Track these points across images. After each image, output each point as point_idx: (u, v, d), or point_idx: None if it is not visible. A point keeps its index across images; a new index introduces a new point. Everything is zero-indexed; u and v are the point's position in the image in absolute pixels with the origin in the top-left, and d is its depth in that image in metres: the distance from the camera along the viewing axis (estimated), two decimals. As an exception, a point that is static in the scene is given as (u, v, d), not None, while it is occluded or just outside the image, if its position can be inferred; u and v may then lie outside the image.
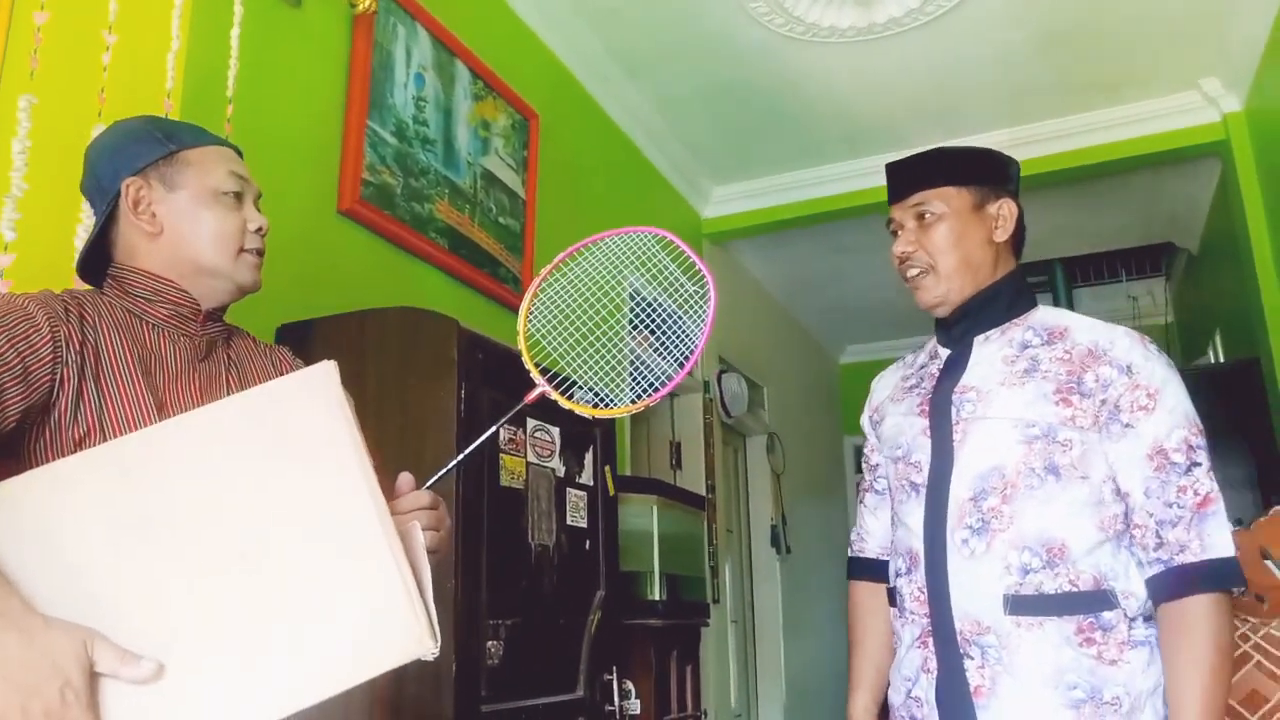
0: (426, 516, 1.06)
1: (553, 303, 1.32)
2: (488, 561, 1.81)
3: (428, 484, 1.12)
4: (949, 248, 1.44)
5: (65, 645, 0.83)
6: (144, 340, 1.16)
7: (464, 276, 2.66)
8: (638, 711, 2.33)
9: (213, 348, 1.23)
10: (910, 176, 1.50)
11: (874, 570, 1.62)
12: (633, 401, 1.25)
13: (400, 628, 0.88)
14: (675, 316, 1.35)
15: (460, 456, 1.17)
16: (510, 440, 1.94)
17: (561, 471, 2.10)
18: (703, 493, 4.07)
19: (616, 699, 2.17)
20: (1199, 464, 1.30)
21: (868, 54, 3.52)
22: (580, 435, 2.20)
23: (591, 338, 1.36)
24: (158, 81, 1.76)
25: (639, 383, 1.31)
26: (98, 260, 1.23)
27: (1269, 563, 1.79)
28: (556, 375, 1.25)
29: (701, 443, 4.33)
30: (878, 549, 1.62)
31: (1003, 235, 1.47)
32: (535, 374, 1.20)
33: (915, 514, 1.42)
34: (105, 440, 1.05)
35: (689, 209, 4.53)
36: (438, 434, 1.79)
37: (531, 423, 2.01)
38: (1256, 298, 3.77)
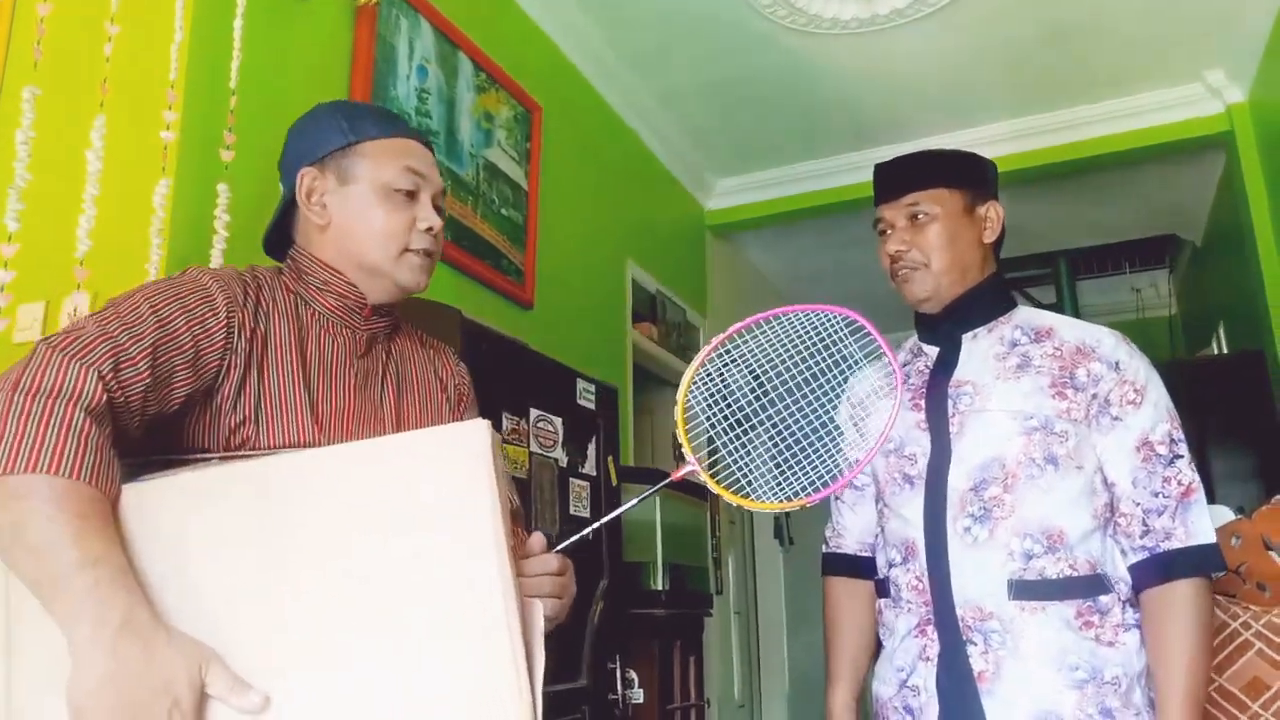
0: (551, 584, 1.04)
1: (718, 375, 1.25)
2: (491, 551, 1.81)
3: (559, 548, 1.09)
4: (942, 247, 1.47)
5: (182, 665, 0.83)
6: (308, 331, 1.15)
7: (466, 268, 2.67)
8: (641, 700, 2.33)
9: (373, 344, 1.21)
10: (903, 177, 1.53)
11: (850, 566, 1.62)
12: (789, 498, 1.19)
13: (502, 709, 0.86)
14: (859, 405, 1.33)
15: (596, 524, 1.15)
16: (513, 430, 1.94)
17: (564, 461, 2.11)
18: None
19: (620, 688, 2.18)
20: (1181, 455, 1.37)
21: (871, 46, 3.52)
22: (583, 426, 2.20)
23: (752, 421, 1.29)
24: (161, 73, 1.77)
25: (803, 474, 1.24)
26: (282, 238, 1.23)
27: (1272, 551, 1.79)
28: (713, 453, 1.20)
29: (705, 435, 4.32)
30: (855, 545, 1.63)
31: (991, 236, 1.52)
32: (688, 450, 1.15)
33: (912, 505, 1.44)
34: (257, 430, 1.05)
35: (692, 201, 4.53)
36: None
37: (534, 412, 2.02)
38: (1260, 290, 3.77)
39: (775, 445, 1.29)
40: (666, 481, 1.15)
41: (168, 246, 1.69)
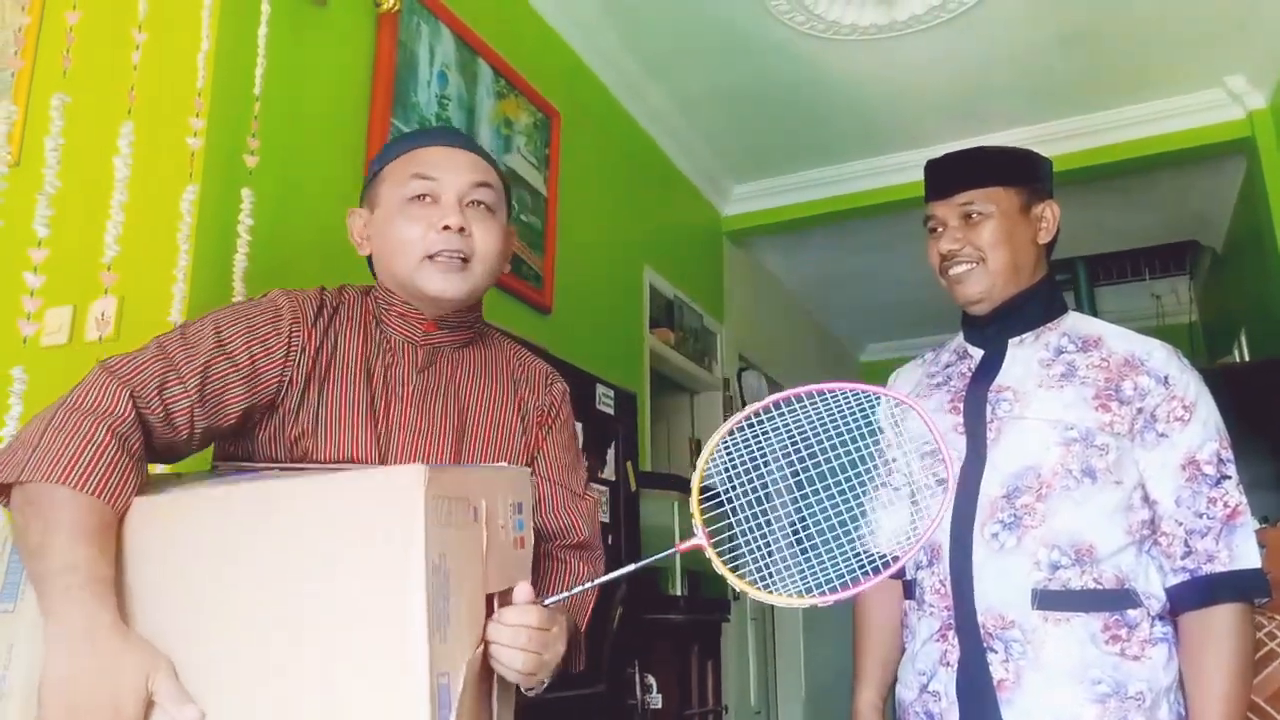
0: (526, 637, 0.96)
1: (744, 447, 1.14)
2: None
3: (548, 601, 1.02)
4: (999, 245, 1.43)
5: (130, 674, 0.87)
6: (379, 345, 1.18)
7: (486, 273, 2.68)
8: (659, 706, 2.33)
9: (435, 357, 1.21)
10: (956, 174, 1.48)
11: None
12: (798, 594, 1.07)
13: None
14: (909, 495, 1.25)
15: (593, 583, 1.09)
16: (667, 555, 1.94)
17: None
18: (722, 490, 4.07)
19: (639, 693, 2.18)
20: (1229, 476, 1.33)
21: (889, 51, 3.51)
22: (603, 431, 2.21)
23: (779, 500, 1.19)
24: (188, 80, 1.78)
25: (814, 573, 1.12)
26: None
27: (1296, 561, 1.77)
28: (723, 530, 1.11)
29: (721, 440, 4.32)
30: (888, 545, 1.61)
31: (1046, 237, 1.48)
32: (698, 522, 1.07)
33: (943, 506, 1.42)
34: (315, 442, 1.10)
35: (709, 207, 4.54)
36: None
37: (554, 418, 2.02)
38: (1283, 296, 3.74)
39: (796, 533, 1.19)
40: (669, 551, 1.09)
41: (194, 251, 1.71)
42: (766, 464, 1.15)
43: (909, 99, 3.84)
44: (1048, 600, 1.30)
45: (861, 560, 1.11)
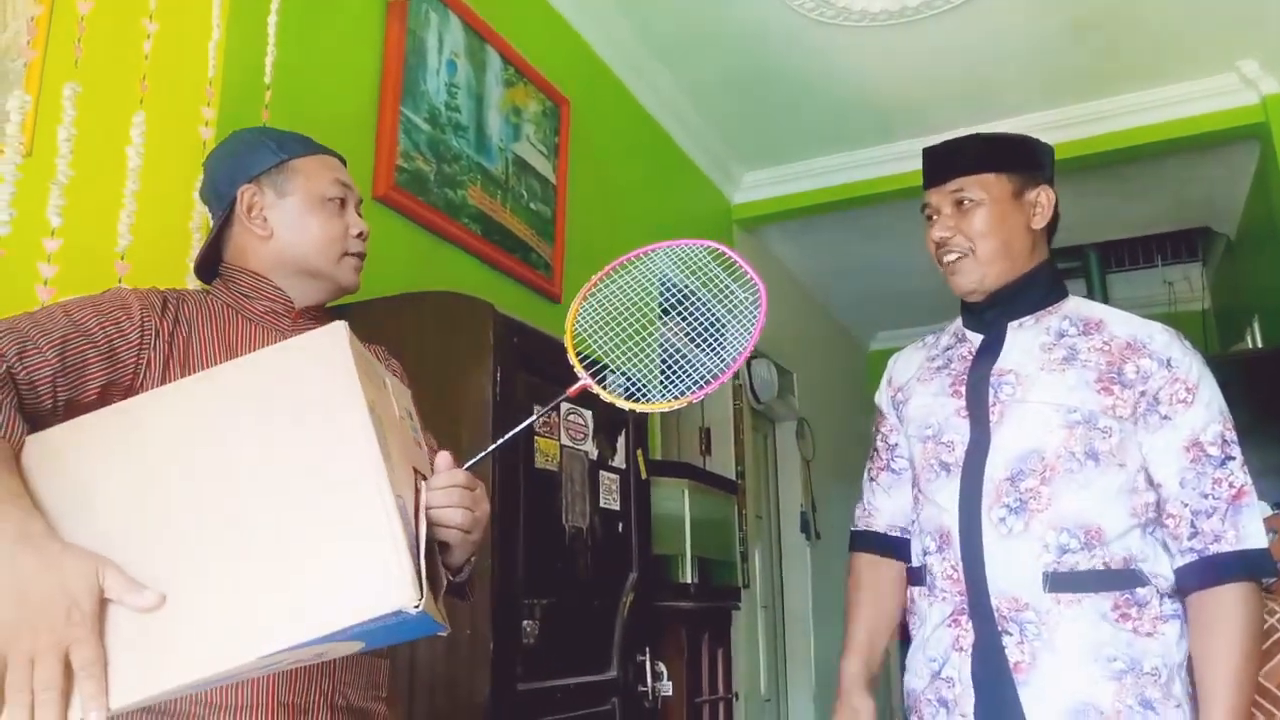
0: (459, 495, 1.07)
1: (600, 307, 1.34)
2: (523, 542, 1.83)
3: (467, 465, 1.12)
4: (989, 233, 1.44)
5: (78, 570, 0.87)
6: (238, 331, 1.23)
7: (496, 262, 2.68)
8: (669, 693, 2.34)
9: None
10: (949, 161, 1.49)
11: (878, 544, 1.60)
12: (675, 398, 1.27)
13: (384, 577, 0.88)
14: (724, 321, 1.36)
15: (500, 441, 1.21)
16: (544, 423, 1.95)
17: (595, 454, 2.12)
18: (732, 478, 4.08)
19: (649, 680, 2.19)
20: (1233, 457, 1.34)
21: (899, 38, 3.50)
22: (613, 419, 2.21)
23: (637, 338, 1.38)
24: (199, 69, 1.79)
25: (682, 381, 1.32)
26: (212, 259, 1.32)
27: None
28: (600, 368, 1.27)
29: (731, 429, 4.33)
30: (885, 525, 1.61)
31: (1040, 222, 1.48)
32: (579, 368, 1.23)
33: (947, 492, 1.42)
34: None
35: (719, 194, 4.53)
36: (473, 418, 1.81)
37: (565, 406, 2.03)
38: (1296, 282, 3.72)
39: (660, 356, 1.37)
40: (562, 396, 1.23)
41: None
42: (621, 312, 1.35)
43: (920, 86, 3.82)
44: (1059, 582, 1.31)
45: (722, 363, 1.29)
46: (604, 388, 1.23)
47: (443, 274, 2.45)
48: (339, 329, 1.00)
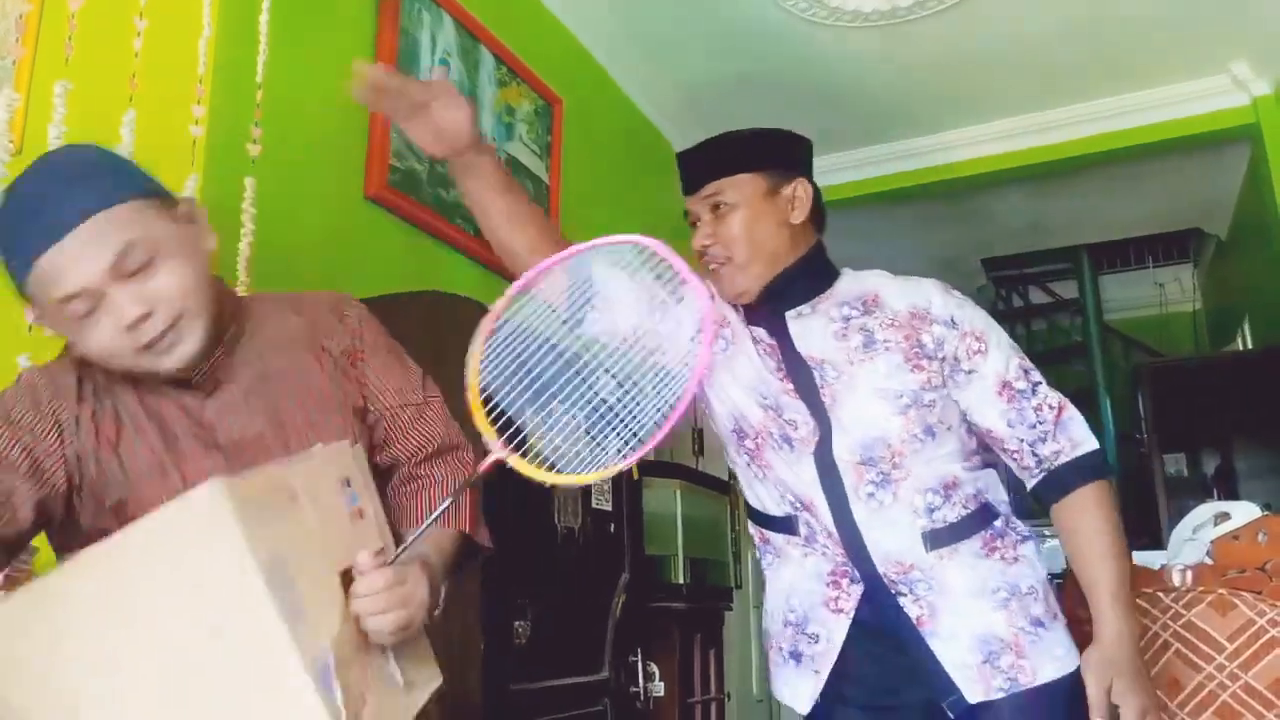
0: (384, 600, 0.96)
1: (510, 345, 1.11)
2: (515, 542, 1.82)
3: (391, 559, 1.02)
4: (744, 237, 1.42)
5: None
6: (152, 392, 1.10)
7: (489, 262, 2.67)
8: (661, 693, 2.34)
9: (218, 374, 1.13)
10: (702, 166, 1.48)
11: None
12: (601, 467, 1.07)
13: None
14: (661, 348, 1.17)
15: (419, 532, 1.06)
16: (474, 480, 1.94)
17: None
18: (725, 479, 4.08)
19: (641, 680, 2.19)
20: (1039, 382, 1.42)
21: (891, 38, 3.50)
22: (605, 419, 2.21)
23: (558, 383, 1.15)
24: (189, 67, 1.78)
25: (612, 441, 1.10)
26: None
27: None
28: (517, 434, 1.07)
29: (723, 429, 4.33)
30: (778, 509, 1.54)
31: (799, 216, 1.47)
32: (490, 436, 1.05)
33: (799, 467, 1.40)
34: (139, 499, 1.04)
35: (711, 195, 4.52)
36: (466, 419, 1.80)
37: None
38: (1286, 284, 3.73)
39: (584, 410, 1.15)
40: (473, 477, 1.08)
41: (196, 240, 1.70)
42: (533, 355, 1.12)
43: (911, 86, 3.82)
44: (937, 538, 1.38)
45: (657, 417, 1.09)
46: (523, 457, 1.05)
47: (435, 274, 2.45)
48: (218, 488, 0.84)
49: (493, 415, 1.06)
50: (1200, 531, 1.88)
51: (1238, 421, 3.92)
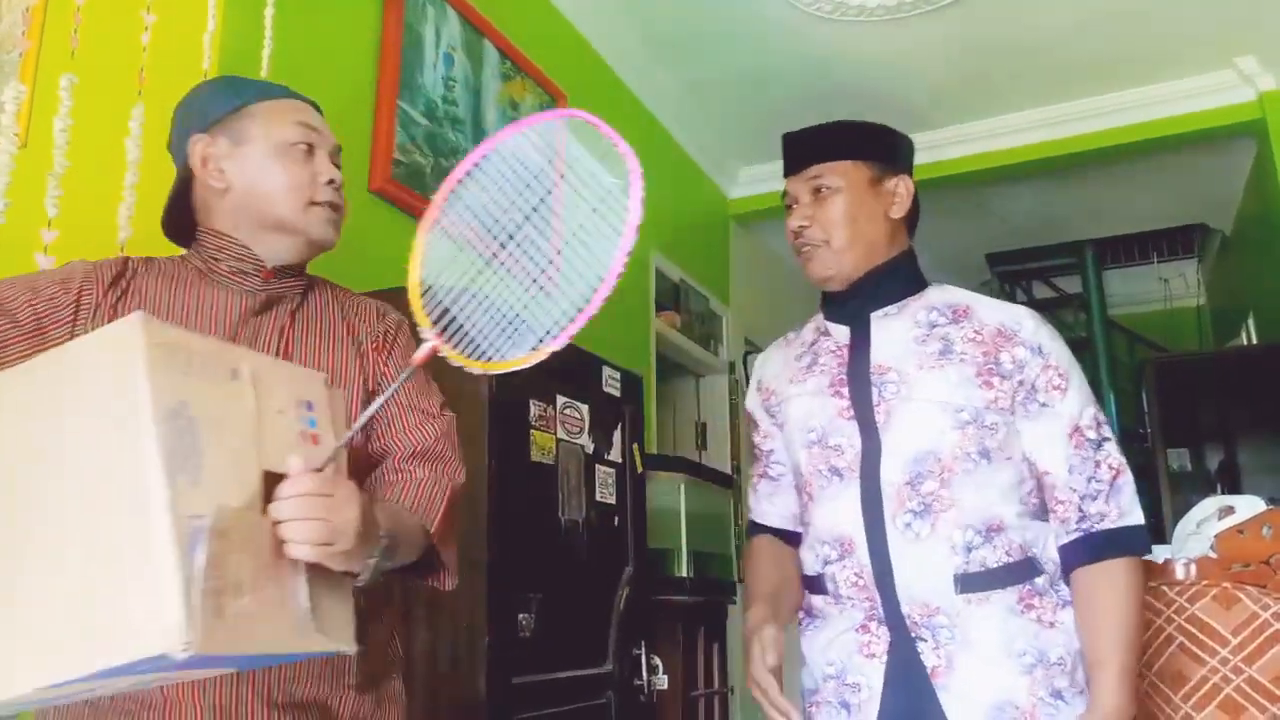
0: (309, 504, 0.90)
1: (449, 233, 1.09)
2: (519, 535, 1.83)
3: (319, 466, 0.94)
4: (844, 222, 1.42)
5: None
6: (197, 295, 1.15)
7: (493, 256, 2.68)
8: (665, 686, 2.35)
9: (273, 304, 1.20)
10: (808, 149, 1.47)
11: (774, 534, 1.54)
12: (533, 349, 1.01)
13: (150, 614, 0.79)
14: (589, 224, 1.08)
15: (349, 435, 1.00)
16: (540, 416, 1.95)
17: (590, 448, 2.12)
18: (728, 472, 4.08)
19: (644, 673, 2.20)
20: (1108, 438, 1.38)
21: (897, 33, 3.49)
22: (609, 413, 2.21)
23: (489, 271, 1.10)
24: (195, 61, 1.78)
25: (541, 320, 1.05)
26: (184, 221, 1.22)
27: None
28: (452, 323, 1.04)
29: (727, 423, 4.33)
30: (776, 525, 1.56)
31: (899, 212, 1.46)
32: (426, 326, 1.02)
33: (843, 499, 1.38)
34: None
35: (716, 190, 4.52)
36: (469, 411, 1.81)
37: (561, 399, 2.03)
38: (1291, 279, 3.73)
39: (514, 293, 1.09)
40: (411, 369, 1.02)
41: (202, 233, 1.71)
42: (476, 240, 1.10)
43: (916, 81, 3.81)
44: (969, 583, 1.31)
45: (584, 293, 1.02)
46: (454, 348, 1.01)
47: (439, 267, 2.45)
48: (135, 320, 0.85)
49: (431, 309, 1.04)
50: (1204, 526, 1.88)
51: (1242, 417, 3.92)
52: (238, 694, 1.05)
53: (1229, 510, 1.86)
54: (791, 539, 1.54)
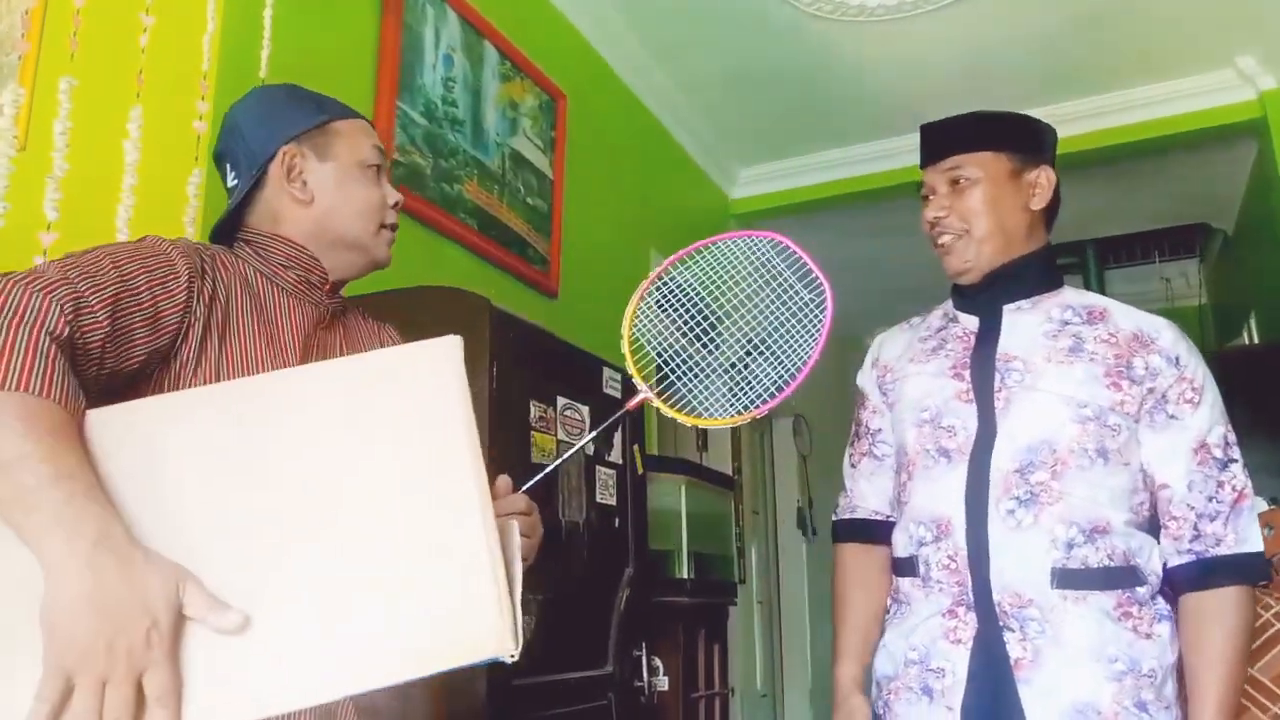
0: (521, 522, 1.00)
1: (659, 306, 1.28)
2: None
3: (525, 488, 1.08)
4: (983, 212, 1.41)
5: (159, 584, 0.78)
6: (273, 302, 1.15)
7: (493, 257, 2.68)
8: (665, 688, 2.34)
9: (335, 318, 1.23)
10: (946, 139, 1.46)
11: (863, 532, 1.56)
12: (739, 413, 1.21)
13: (484, 624, 0.82)
14: (788, 325, 1.30)
15: (559, 460, 1.19)
16: (541, 418, 1.95)
17: (591, 449, 2.11)
18: (729, 474, 4.08)
19: (645, 675, 2.19)
20: (1235, 460, 1.34)
21: (897, 32, 3.49)
22: (610, 414, 2.21)
23: (697, 344, 1.32)
24: (194, 63, 1.78)
25: (747, 392, 1.27)
26: (227, 225, 1.22)
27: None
28: (662, 379, 1.22)
29: (728, 424, 4.32)
30: (869, 512, 1.56)
31: (1039, 203, 1.45)
32: (638, 379, 1.18)
33: (949, 480, 1.37)
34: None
35: (716, 189, 4.52)
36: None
37: (561, 400, 2.03)
38: (1293, 278, 3.72)
39: (723, 365, 1.32)
40: (622, 411, 1.19)
41: (200, 235, 1.71)
42: (682, 315, 1.31)
43: (918, 81, 3.81)
44: (1067, 579, 1.29)
45: (784, 373, 1.25)
46: (665, 401, 1.18)
47: (440, 269, 2.45)
48: (456, 342, 0.91)
49: (641, 362, 1.22)
50: (1205, 526, 1.87)
51: (1244, 416, 3.90)
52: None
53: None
54: (881, 532, 1.53)
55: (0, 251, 1.56)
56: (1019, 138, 1.46)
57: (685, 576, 2.87)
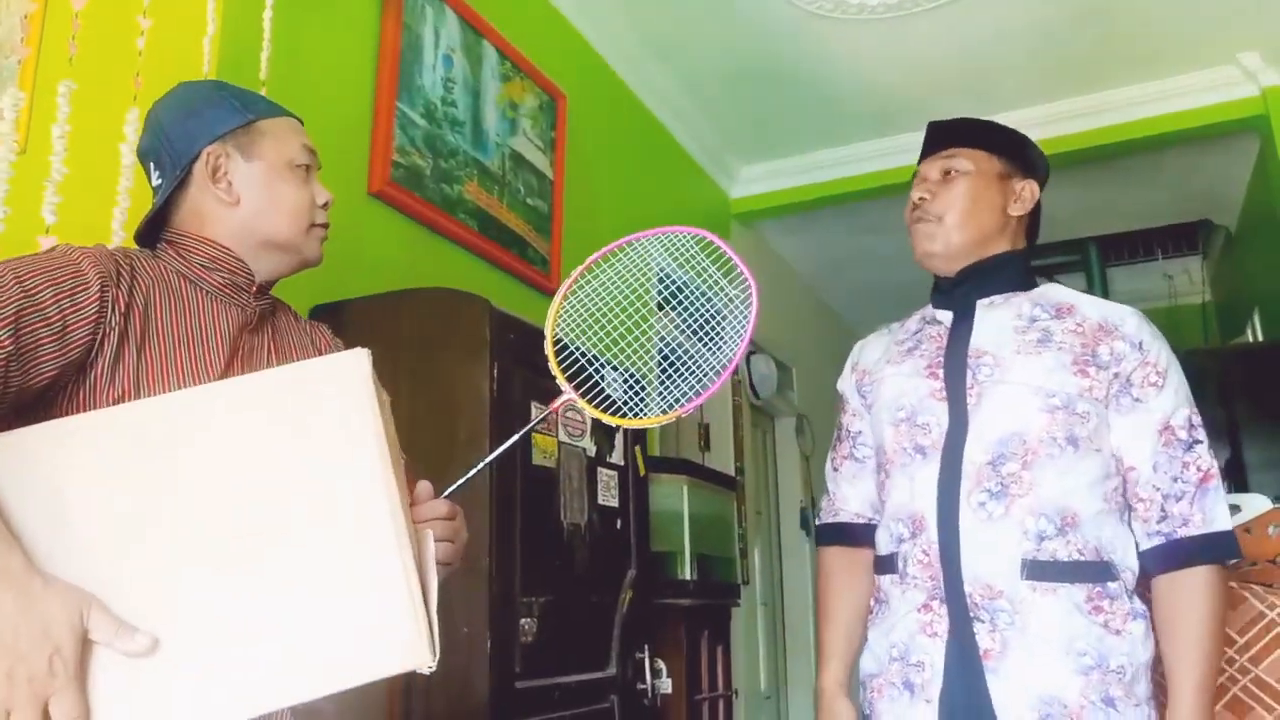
0: (441, 527, 1.00)
1: (583, 305, 1.27)
2: (521, 539, 1.82)
3: (446, 493, 1.06)
4: (963, 203, 1.46)
5: (61, 611, 0.79)
6: (196, 306, 1.12)
7: (493, 258, 2.67)
8: (669, 690, 2.34)
9: (262, 320, 1.20)
10: (947, 134, 1.53)
11: (846, 535, 1.58)
12: (663, 411, 1.21)
13: (399, 637, 0.83)
14: (713, 322, 1.31)
15: (478, 467, 1.12)
16: (542, 419, 1.95)
17: (593, 451, 2.11)
18: (732, 474, 4.07)
19: (648, 677, 2.19)
20: (1200, 441, 1.36)
21: (897, 31, 3.48)
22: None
23: (623, 343, 1.31)
24: (193, 65, 1.78)
25: (671, 391, 1.27)
26: (152, 223, 1.20)
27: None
28: (586, 380, 1.20)
29: (730, 425, 4.32)
30: (852, 515, 1.59)
31: (1018, 210, 1.50)
32: (562, 380, 1.16)
33: (923, 475, 1.40)
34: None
35: (716, 189, 4.51)
36: (470, 415, 1.80)
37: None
38: (1296, 275, 3.71)
39: (647, 364, 1.31)
40: (545, 414, 1.19)
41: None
42: (605, 314, 1.30)
43: (918, 79, 3.80)
44: (1036, 570, 1.31)
45: (712, 373, 1.25)
46: (590, 402, 1.16)
47: (439, 270, 2.45)
48: (361, 358, 0.91)
49: (565, 363, 1.20)
50: (1210, 525, 1.86)
51: (1247, 414, 3.89)
52: None
53: (1235, 509, 1.85)
54: (864, 535, 1.56)
55: (0, 255, 1.56)
56: (1016, 150, 1.53)
57: (688, 578, 2.86)
